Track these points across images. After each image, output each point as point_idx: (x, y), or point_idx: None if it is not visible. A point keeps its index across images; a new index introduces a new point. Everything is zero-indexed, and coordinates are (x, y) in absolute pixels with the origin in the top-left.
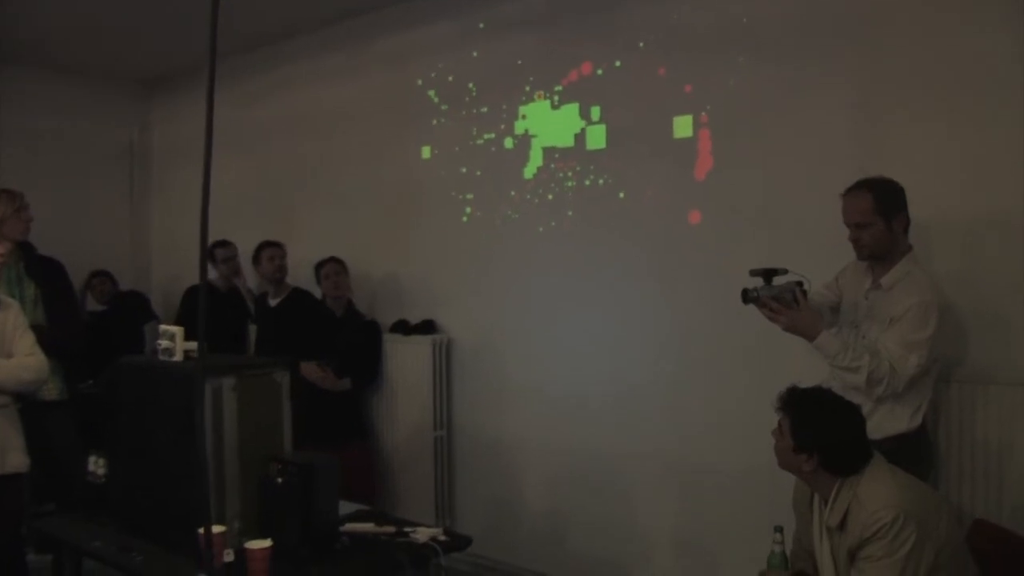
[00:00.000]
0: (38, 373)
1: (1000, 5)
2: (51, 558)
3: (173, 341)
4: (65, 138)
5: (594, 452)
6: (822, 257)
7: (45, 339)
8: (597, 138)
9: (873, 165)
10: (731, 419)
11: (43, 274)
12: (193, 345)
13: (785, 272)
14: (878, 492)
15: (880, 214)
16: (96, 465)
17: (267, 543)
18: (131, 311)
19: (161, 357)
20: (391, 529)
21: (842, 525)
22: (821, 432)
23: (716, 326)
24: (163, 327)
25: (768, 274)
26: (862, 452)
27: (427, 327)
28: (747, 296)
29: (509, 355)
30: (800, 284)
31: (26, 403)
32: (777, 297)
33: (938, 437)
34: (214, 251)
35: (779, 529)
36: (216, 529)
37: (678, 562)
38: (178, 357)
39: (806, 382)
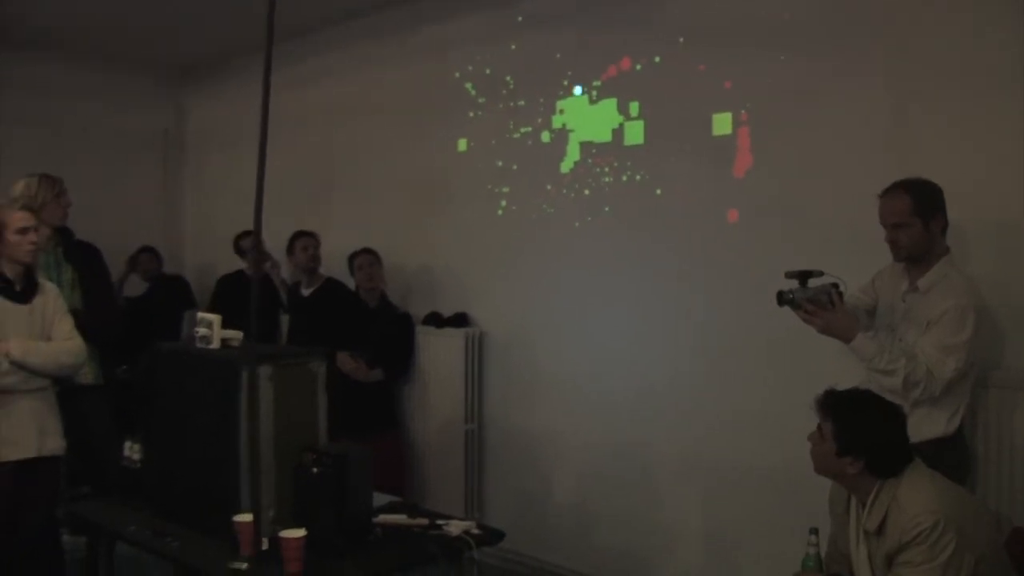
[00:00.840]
0: (77, 357)
1: None
2: (85, 540)
3: (211, 329)
4: (101, 124)
5: (623, 447)
6: (861, 258)
7: (82, 323)
8: (635, 134)
9: (911, 166)
10: (759, 417)
11: (80, 259)
12: (230, 333)
13: (821, 274)
14: (918, 497)
15: (918, 215)
16: (131, 450)
17: (301, 532)
18: (171, 296)
19: (199, 344)
20: (424, 521)
21: (880, 529)
22: (867, 434)
23: (751, 325)
24: (201, 315)
25: (804, 276)
26: (905, 454)
27: (460, 320)
28: (782, 298)
29: (541, 349)
30: (836, 286)
31: (62, 387)
32: (813, 299)
33: (976, 442)
34: (239, 241)
35: (814, 531)
36: (251, 517)
37: (702, 556)
38: (215, 345)
39: (833, 382)
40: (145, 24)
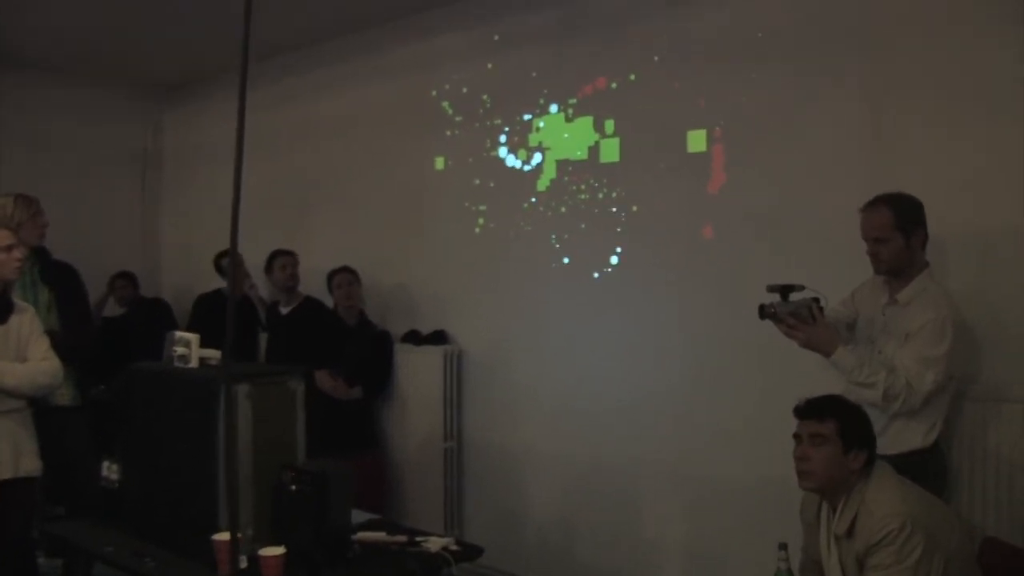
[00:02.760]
0: (53, 377)
1: (1014, 17)
2: (61, 562)
3: (188, 348)
4: (79, 142)
5: (603, 463)
6: (834, 272)
7: (57, 344)
8: (611, 151)
9: (886, 180)
10: (741, 432)
11: (57, 279)
12: (208, 352)
13: (802, 288)
14: (886, 499)
15: (899, 229)
16: (109, 470)
17: (281, 550)
18: (151, 318)
19: (177, 364)
20: (403, 538)
21: (850, 532)
22: (866, 424)
23: (727, 340)
24: (179, 334)
25: (785, 290)
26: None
27: (438, 338)
28: (764, 312)
29: (520, 367)
30: (817, 300)
31: (38, 407)
32: (794, 313)
33: (952, 455)
34: (219, 260)
35: (783, 547)
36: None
37: (685, 572)
38: (193, 363)
39: (814, 394)
40: (125, 43)
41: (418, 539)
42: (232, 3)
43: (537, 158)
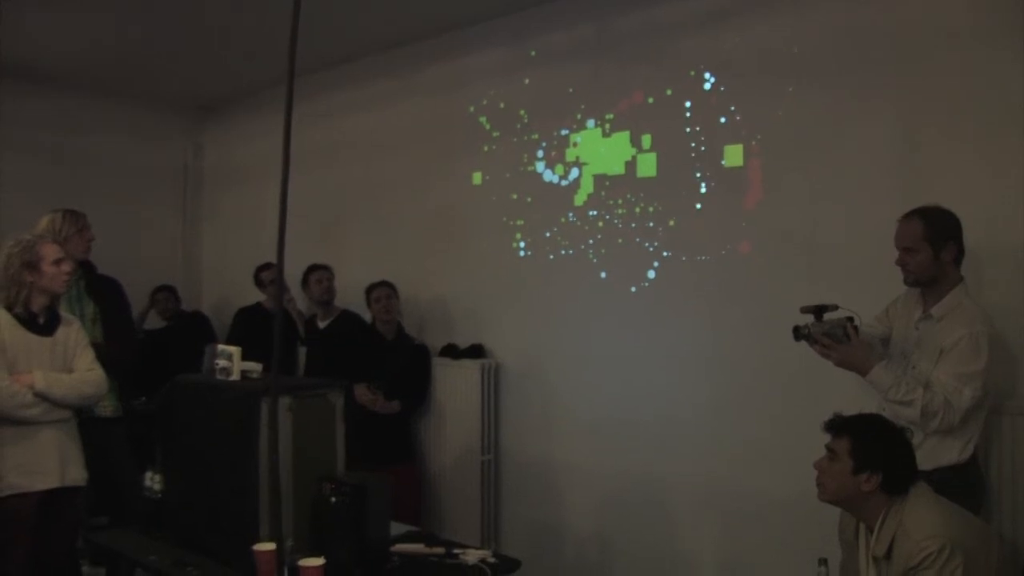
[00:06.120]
0: (98, 388)
1: None
2: (104, 571)
3: (231, 361)
4: (121, 160)
5: (639, 477)
6: (873, 288)
7: (102, 356)
8: (648, 166)
9: (922, 195)
10: (777, 446)
11: (102, 293)
12: (250, 365)
13: (836, 308)
14: (923, 521)
15: (928, 241)
16: (153, 481)
17: (320, 561)
18: (191, 331)
19: (219, 376)
20: (441, 550)
21: (888, 554)
22: (883, 448)
23: (763, 354)
24: (221, 347)
25: (819, 311)
26: (914, 470)
27: (476, 351)
28: (799, 333)
29: (557, 380)
30: (851, 319)
31: (81, 418)
32: (828, 333)
33: (991, 470)
34: (259, 274)
35: (823, 562)
36: (270, 546)
37: None
38: (235, 376)
39: (850, 411)
40: (165, 63)
41: (456, 551)
42: (268, 25)
43: (574, 173)
